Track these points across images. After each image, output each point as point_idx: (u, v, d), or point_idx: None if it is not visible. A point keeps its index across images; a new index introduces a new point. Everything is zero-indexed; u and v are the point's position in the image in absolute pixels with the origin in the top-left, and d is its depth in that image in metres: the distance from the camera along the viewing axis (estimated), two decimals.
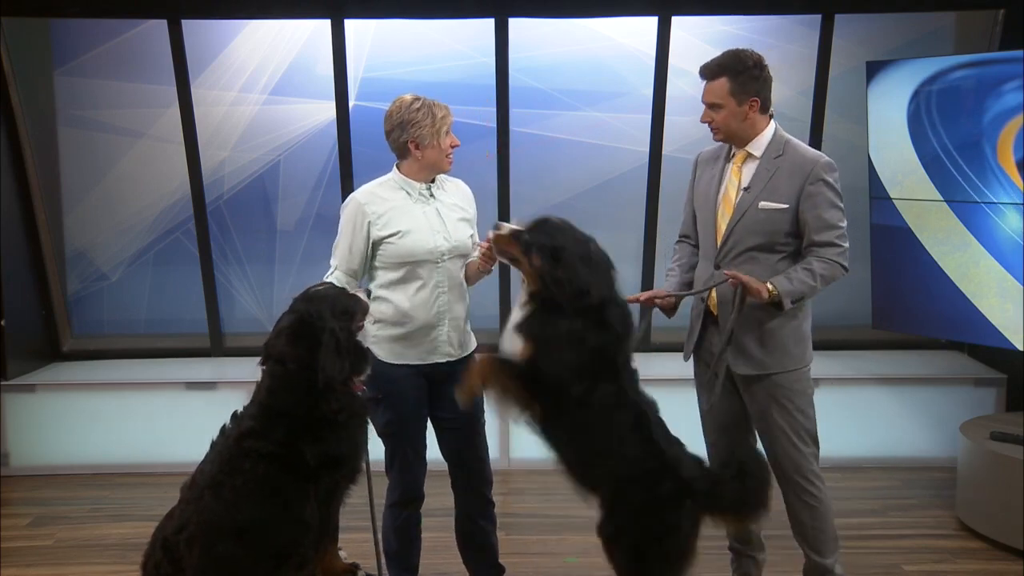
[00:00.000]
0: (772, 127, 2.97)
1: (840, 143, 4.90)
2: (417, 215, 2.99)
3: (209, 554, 2.57)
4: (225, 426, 2.77)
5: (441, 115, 2.96)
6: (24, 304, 4.97)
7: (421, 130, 2.93)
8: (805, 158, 2.93)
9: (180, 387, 4.80)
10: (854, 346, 5.07)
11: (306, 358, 2.65)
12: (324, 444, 2.67)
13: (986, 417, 4.30)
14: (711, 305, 3.02)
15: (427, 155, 2.97)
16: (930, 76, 4.15)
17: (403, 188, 3.02)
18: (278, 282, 5.23)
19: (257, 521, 2.60)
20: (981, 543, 3.84)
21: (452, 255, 3.02)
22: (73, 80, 4.97)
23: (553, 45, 4.95)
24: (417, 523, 3.18)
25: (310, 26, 4.88)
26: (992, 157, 3.96)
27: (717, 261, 2.98)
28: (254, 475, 2.61)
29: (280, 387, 2.70)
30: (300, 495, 2.66)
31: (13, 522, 4.20)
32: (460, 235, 3.04)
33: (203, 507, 2.61)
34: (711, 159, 3.11)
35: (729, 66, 2.89)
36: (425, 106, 2.94)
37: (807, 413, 3.02)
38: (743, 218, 2.93)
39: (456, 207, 3.08)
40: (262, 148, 5.05)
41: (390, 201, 3.00)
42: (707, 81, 2.93)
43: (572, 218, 2.73)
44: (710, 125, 2.96)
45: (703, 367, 3.10)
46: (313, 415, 2.67)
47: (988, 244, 4.01)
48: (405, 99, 2.98)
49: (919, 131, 4.19)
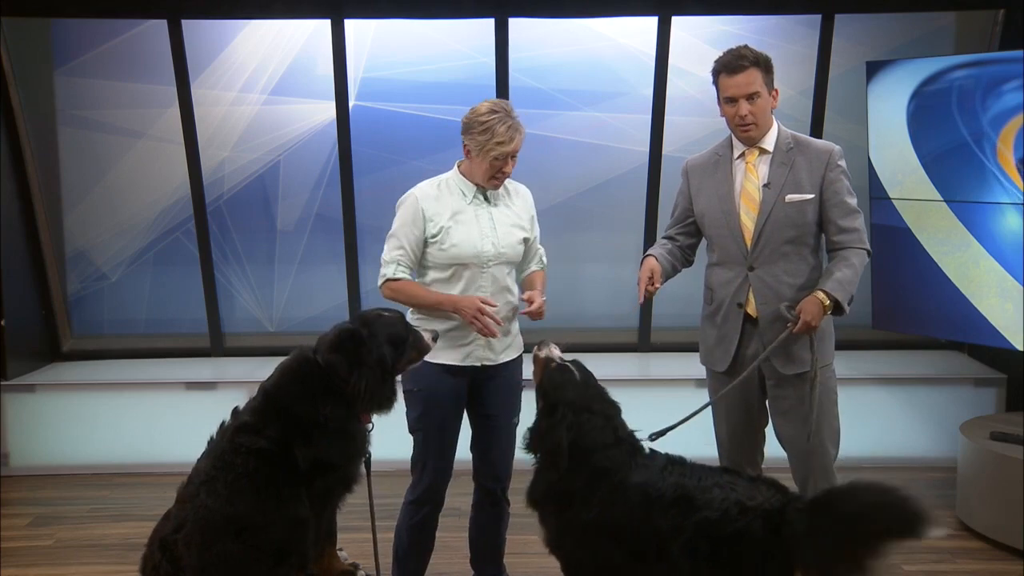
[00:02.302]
0: (776, 121, 2.99)
1: (840, 143, 4.79)
2: (468, 218, 2.99)
3: (207, 552, 2.58)
4: (224, 422, 2.78)
5: (499, 140, 2.87)
6: (24, 304, 4.97)
7: (474, 141, 2.92)
8: (819, 147, 2.97)
9: (180, 387, 4.80)
10: (854, 346, 5.07)
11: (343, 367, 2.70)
12: (315, 448, 2.68)
13: (986, 417, 4.30)
14: (750, 310, 2.97)
15: (475, 165, 2.96)
16: (929, 76, 4.14)
17: (460, 188, 3.02)
18: (278, 282, 5.23)
19: (253, 518, 2.61)
20: (981, 543, 3.84)
21: (498, 261, 3.01)
22: (73, 80, 4.97)
23: (553, 45, 4.95)
24: (432, 526, 3.17)
25: (310, 26, 4.88)
26: (992, 157, 3.96)
27: (750, 262, 2.95)
28: (246, 470, 2.63)
29: (295, 369, 2.75)
30: (293, 492, 2.67)
31: (13, 522, 4.20)
32: (509, 242, 3.02)
33: (199, 504, 2.62)
34: (708, 164, 3.06)
35: (756, 58, 2.89)
36: (493, 121, 2.89)
37: (834, 412, 3.02)
38: (772, 214, 2.91)
39: (512, 213, 3.07)
40: (262, 148, 5.05)
41: (445, 201, 2.99)
42: (735, 73, 2.88)
43: (572, 218, 2.72)
44: (743, 120, 2.90)
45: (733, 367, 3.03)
46: (309, 414, 2.68)
47: (988, 244, 4.01)
48: (484, 105, 2.95)
49: (919, 131, 4.19)
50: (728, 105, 2.93)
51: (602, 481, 2.55)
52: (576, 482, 2.57)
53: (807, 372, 2.93)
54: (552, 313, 4.86)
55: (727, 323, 3.01)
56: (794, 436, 2.99)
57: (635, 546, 2.49)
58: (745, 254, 2.95)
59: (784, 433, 3.03)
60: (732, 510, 2.36)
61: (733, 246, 2.97)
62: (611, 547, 2.52)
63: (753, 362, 2.94)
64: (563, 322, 5.21)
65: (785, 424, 3.01)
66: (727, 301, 3.00)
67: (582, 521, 2.56)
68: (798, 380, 2.95)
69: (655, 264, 2.97)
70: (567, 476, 2.58)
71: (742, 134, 2.96)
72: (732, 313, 2.99)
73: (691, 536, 2.39)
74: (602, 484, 2.55)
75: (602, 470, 2.56)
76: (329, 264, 5.19)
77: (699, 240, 3.16)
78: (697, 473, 2.51)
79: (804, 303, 2.84)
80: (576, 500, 2.57)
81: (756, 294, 2.95)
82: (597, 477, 2.56)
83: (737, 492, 2.39)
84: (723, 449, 3.15)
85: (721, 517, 2.36)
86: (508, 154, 2.91)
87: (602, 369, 2.88)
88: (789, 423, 2.99)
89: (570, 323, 5.22)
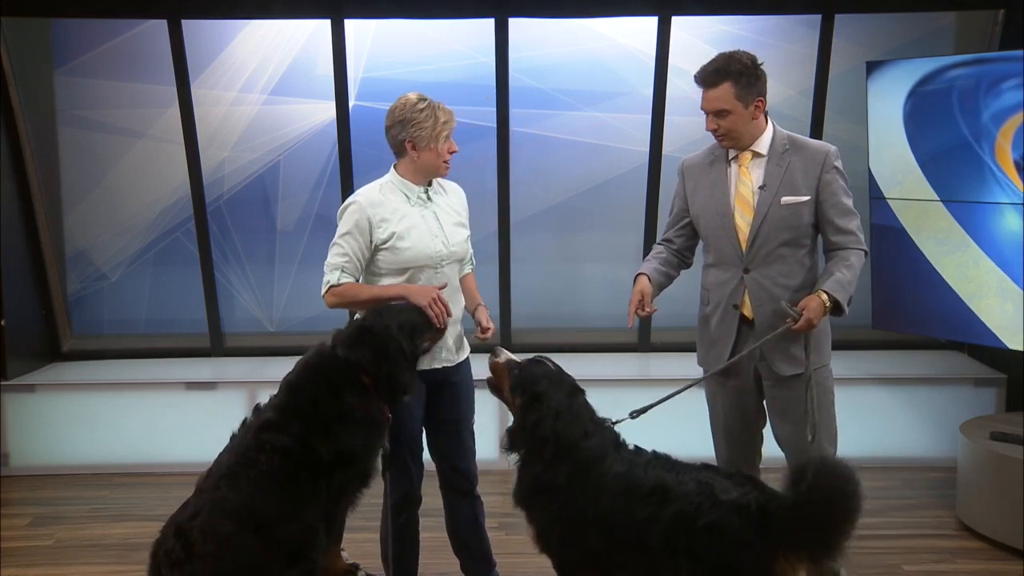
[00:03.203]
0: (771, 123, 2.97)
1: (840, 143, 4.83)
2: (416, 220, 2.97)
3: (225, 543, 2.58)
4: (246, 419, 2.82)
5: (444, 119, 2.92)
6: (24, 304, 4.97)
7: (421, 131, 2.90)
8: (815, 148, 2.95)
9: (180, 387, 4.80)
10: (854, 346, 5.07)
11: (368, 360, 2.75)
12: (337, 440, 2.71)
13: (986, 417, 4.30)
14: (745, 311, 2.97)
15: (423, 157, 2.94)
16: (925, 76, 4.14)
17: (401, 191, 3.00)
18: (278, 282, 5.23)
19: (273, 515, 2.62)
20: (981, 543, 3.84)
21: (450, 260, 3.02)
22: (73, 80, 4.97)
23: (553, 45, 4.95)
24: (415, 526, 3.18)
25: (310, 26, 4.88)
26: (991, 156, 3.96)
27: (746, 264, 2.94)
28: (270, 467, 2.65)
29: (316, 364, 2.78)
30: (313, 492, 2.70)
31: (13, 522, 4.20)
32: (457, 240, 3.04)
33: (219, 496, 2.63)
34: (703, 164, 3.05)
35: (730, 70, 2.84)
36: (429, 107, 2.92)
37: (831, 412, 3.02)
38: (767, 217, 2.90)
39: (452, 211, 3.07)
40: (262, 148, 5.05)
41: (390, 205, 2.97)
42: (707, 88, 2.88)
43: (572, 218, 2.73)
44: (715, 132, 2.92)
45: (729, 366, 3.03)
46: (333, 407, 2.72)
47: (986, 244, 4.01)
48: (410, 97, 2.95)
49: (915, 131, 4.19)
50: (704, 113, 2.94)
51: (585, 472, 2.58)
52: (559, 475, 2.60)
53: (803, 373, 2.93)
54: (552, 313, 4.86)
55: (722, 324, 3.00)
56: (792, 437, 2.99)
57: (618, 536, 2.52)
58: (740, 256, 2.95)
59: (782, 434, 3.02)
60: (705, 503, 2.41)
61: (728, 248, 2.97)
62: (596, 539, 2.55)
63: (749, 356, 2.94)
64: (563, 322, 5.21)
65: (783, 425, 3.01)
66: (723, 303, 2.99)
67: (568, 514, 2.59)
68: (796, 381, 2.95)
69: (646, 286, 2.97)
70: (551, 469, 2.61)
71: (719, 144, 2.98)
72: (728, 315, 2.99)
73: (667, 527, 2.43)
74: (586, 475, 2.58)
75: (586, 460, 2.59)
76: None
77: (696, 242, 3.15)
78: (677, 468, 2.56)
79: (807, 301, 2.84)
80: (561, 493, 2.60)
81: (751, 296, 2.94)
82: (581, 468, 2.59)
83: (714, 487, 2.44)
84: (720, 451, 3.14)
85: (695, 510, 2.41)
86: (451, 130, 2.95)
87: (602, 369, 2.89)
88: (787, 424, 2.99)
89: (570, 323, 5.22)
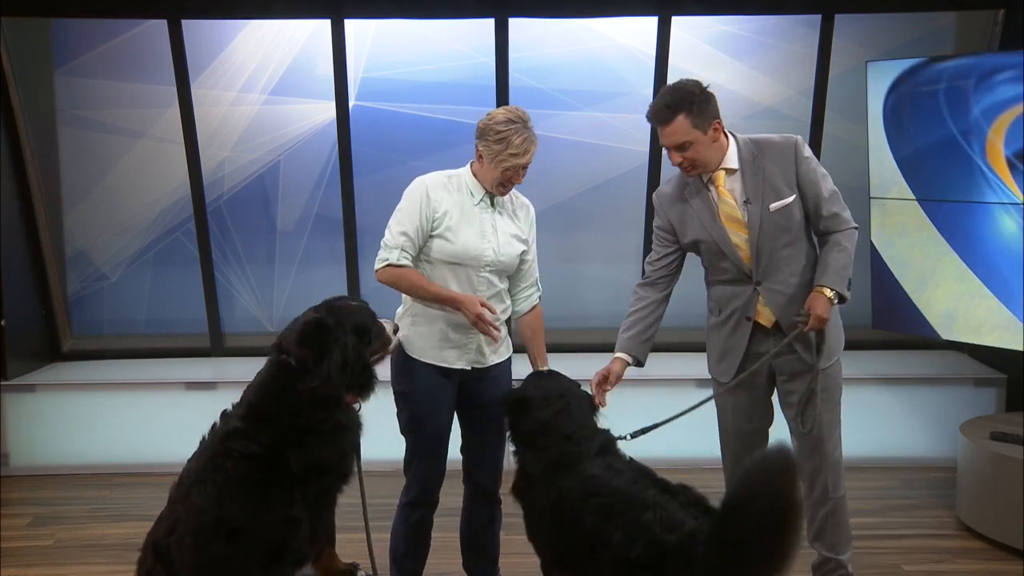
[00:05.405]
0: (731, 136, 2.96)
1: (840, 143, 4.91)
2: (473, 219, 2.96)
3: (200, 555, 2.57)
4: (215, 424, 2.77)
5: (514, 152, 2.86)
6: (24, 304, 4.97)
7: (489, 149, 2.89)
8: (781, 144, 2.94)
9: (180, 387, 4.80)
10: (854, 346, 5.02)
11: (310, 360, 2.66)
12: (308, 451, 2.67)
13: (986, 417, 4.30)
14: (761, 320, 2.97)
15: (485, 170, 2.94)
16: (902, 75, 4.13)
17: (469, 188, 2.99)
18: (278, 282, 5.23)
19: (244, 519, 2.59)
20: (981, 543, 3.84)
21: (494, 268, 2.99)
22: (73, 80, 4.97)
23: (553, 45, 4.95)
24: (428, 526, 3.16)
25: (310, 26, 4.88)
26: (980, 156, 3.95)
27: (756, 279, 2.95)
28: (236, 473, 2.61)
29: (272, 384, 2.71)
30: (284, 493, 2.66)
31: (13, 522, 4.20)
32: (508, 252, 3.00)
33: (189, 506, 2.61)
34: (678, 192, 3.02)
35: (681, 102, 2.82)
36: (509, 132, 2.86)
37: (838, 403, 3.05)
38: (762, 228, 2.91)
39: (514, 226, 3.04)
40: (262, 148, 5.05)
41: (453, 197, 2.96)
42: (663, 125, 2.85)
43: (572, 218, 2.73)
44: (682, 166, 2.90)
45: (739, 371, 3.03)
46: (298, 422, 2.66)
47: (984, 244, 4.01)
48: (501, 113, 2.92)
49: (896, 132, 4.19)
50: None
51: (558, 467, 2.65)
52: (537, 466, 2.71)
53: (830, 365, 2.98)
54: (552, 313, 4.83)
55: (735, 334, 3.01)
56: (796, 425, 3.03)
57: (568, 537, 2.58)
58: (747, 272, 2.96)
59: (795, 427, 3.04)
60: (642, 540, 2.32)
61: (733, 268, 2.97)
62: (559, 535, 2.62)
63: (760, 363, 2.96)
64: (563, 322, 5.20)
65: (796, 417, 3.02)
66: (735, 315, 3.00)
67: (538, 504, 2.68)
68: (808, 374, 2.96)
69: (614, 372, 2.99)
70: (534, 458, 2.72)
71: (687, 175, 2.95)
72: (740, 326, 3.00)
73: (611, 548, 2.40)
74: (557, 470, 2.65)
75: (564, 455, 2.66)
76: (329, 264, 5.19)
77: (680, 268, 3.13)
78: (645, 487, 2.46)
79: (811, 300, 2.86)
80: (536, 483, 2.69)
81: (771, 304, 2.95)
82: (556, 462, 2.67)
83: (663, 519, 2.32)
84: (727, 449, 3.16)
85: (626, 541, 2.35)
86: (520, 166, 2.90)
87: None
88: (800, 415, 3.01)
89: (570, 323, 5.22)
